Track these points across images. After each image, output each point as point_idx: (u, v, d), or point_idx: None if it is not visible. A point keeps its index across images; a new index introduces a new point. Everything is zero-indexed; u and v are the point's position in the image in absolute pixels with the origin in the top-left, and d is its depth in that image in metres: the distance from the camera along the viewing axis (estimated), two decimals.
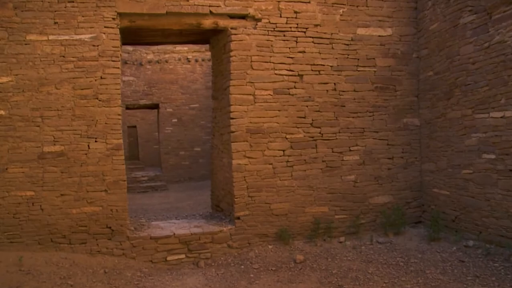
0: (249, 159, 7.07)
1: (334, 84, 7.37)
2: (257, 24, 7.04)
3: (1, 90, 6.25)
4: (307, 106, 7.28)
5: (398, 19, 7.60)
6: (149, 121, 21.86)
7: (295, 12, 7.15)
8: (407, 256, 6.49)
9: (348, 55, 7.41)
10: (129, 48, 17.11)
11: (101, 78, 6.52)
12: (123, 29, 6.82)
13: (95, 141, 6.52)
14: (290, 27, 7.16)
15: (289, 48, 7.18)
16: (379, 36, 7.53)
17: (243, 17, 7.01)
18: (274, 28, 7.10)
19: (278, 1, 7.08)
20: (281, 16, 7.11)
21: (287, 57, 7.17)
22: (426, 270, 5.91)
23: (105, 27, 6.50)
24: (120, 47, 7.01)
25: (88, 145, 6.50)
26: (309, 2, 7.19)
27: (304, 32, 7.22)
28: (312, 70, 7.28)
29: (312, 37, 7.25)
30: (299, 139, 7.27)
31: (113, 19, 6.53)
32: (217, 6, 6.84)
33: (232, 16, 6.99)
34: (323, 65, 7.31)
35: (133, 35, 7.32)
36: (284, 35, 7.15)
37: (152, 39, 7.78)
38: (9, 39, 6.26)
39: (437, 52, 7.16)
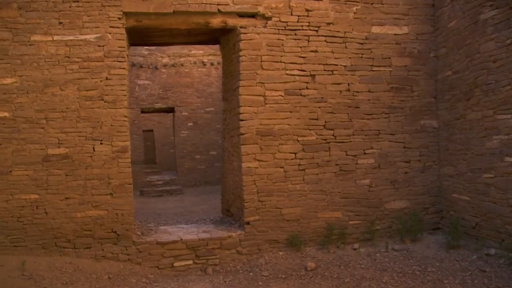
0: (260, 162, 6.85)
1: (348, 84, 7.11)
2: (267, 23, 6.83)
3: (5, 92, 6.17)
4: (319, 108, 7.03)
5: (415, 17, 7.30)
6: (166, 125, 21.81)
7: (307, 10, 6.92)
8: (424, 264, 6.18)
9: (362, 54, 7.15)
10: (144, 52, 17.09)
11: (107, 79, 6.39)
12: (130, 29, 6.69)
13: (101, 143, 6.38)
14: (302, 26, 6.93)
15: (301, 47, 6.94)
16: (395, 34, 7.25)
17: (252, 15, 6.81)
18: (285, 27, 6.89)
19: None
20: (292, 14, 6.89)
21: (299, 57, 6.94)
22: (444, 280, 5.59)
23: (110, 27, 6.38)
24: (127, 47, 6.89)
25: (93, 148, 6.36)
26: (321, 0, 6.94)
27: (316, 30, 6.98)
28: (324, 70, 7.03)
29: (325, 36, 7.01)
30: (312, 141, 7.01)
31: (119, 18, 6.40)
32: (226, 5, 6.65)
33: (241, 15, 6.79)
34: (336, 65, 7.06)
35: (140, 36, 7.18)
36: (295, 34, 6.92)
37: (160, 39, 7.63)
38: (14, 40, 6.18)
39: (456, 51, 6.84)
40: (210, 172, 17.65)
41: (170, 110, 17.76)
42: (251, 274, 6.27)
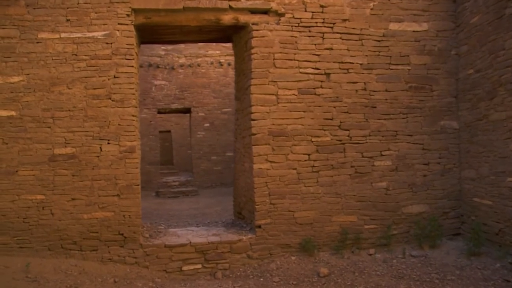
0: (272, 164, 6.62)
1: (364, 83, 6.84)
2: (280, 19, 6.62)
3: (12, 90, 6.10)
4: (334, 107, 6.77)
5: (435, 13, 6.99)
6: (183, 126, 21.73)
7: (321, 6, 6.68)
8: (443, 272, 5.87)
9: (379, 52, 6.87)
10: (161, 52, 17.02)
11: (115, 77, 6.26)
12: (139, 26, 6.55)
13: (108, 143, 6.25)
14: (316, 22, 6.70)
15: (315, 44, 6.70)
16: (414, 31, 6.95)
17: (265, 12, 6.61)
18: (298, 24, 6.66)
19: None
20: (306, 11, 6.66)
21: (313, 55, 6.70)
22: None
23: (119, 24, 6.26)
24: (137, 45, 6.75)
25: (100, 148, 6.23)
26: None
27: (331, 27, 6.74)
28: (340, 68, 6.77)
29: (340, 33, 6.76)
30: (326, 142, 6.76)
31: (128, 15, 6.28)
32: (237, 1, 6.46)
33: (253, 11, 6.60)
34: (352, 63, 6.80)
35: (150, 33, 7.02)
36: (309, 31, 6.69)
37: (171, 37, 7.44)
38: (21, 38, 6.11)
39: (478, 48, 6.51)
40: (226, 173, 17.44)
41: (187, 110, 17.63)
42: (262, 279, 6.05)
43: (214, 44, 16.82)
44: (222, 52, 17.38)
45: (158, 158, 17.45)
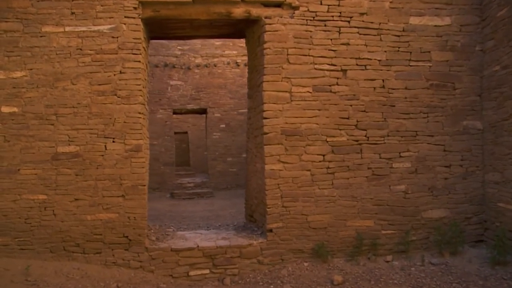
0: (284, 164, 6.31)
1: (383, 80, 6.50)
2: (294, 13, 6.32)
3: (14, 86, 5.90)
4: (351, 106, 6.45)
5: (458, 6, 6.62)
6: (200, 127, 21.55)
7: None
8: (466, 282, 5.52)
9: (398, 48, 6.52)
10: (177, 52, 16.80)
11: (121, 72, 6.03)
12: (147, 20, 6.30)
13: (113, 142, 6.01)
14: (332, 16, 6.38)
15: (331, 39, 6.38)
16: (436, 26, 6.58)
17: (278, 4, 6.31)
18: (313, 17, 6.35)
19: None
20: (321, 4, 6.35)
21: (329, 50, 6.38)
22: None
23: (125, 17, 6.03)
24: (145, 40, 6.51)
25: (105, 146, 6.00)
26: None
27: (348, 21, 6.41)
28: (357, 64, 6.44)
29: (358, 27, 6.43)
30: (342, 142, 6.43)
31: (135, 8, 6.05)
32: None
33: (266, 4, 6.30)
34: (370, 59, 6.46)
35: (159, 27, 6.77)
36: (325, 25, 6.37)
37: (181, 32, 7.18)
38: (24, 31, 5.91)
39: (505, 43, 6.12)
40: (241, 175, 17.06)
41: (203, 111, 17.38)
42: (272, 286, 5.75)
43: (231, 44, 16.64)
44: (239, 52, 17.07)
45: (173, 159, 17.24)
